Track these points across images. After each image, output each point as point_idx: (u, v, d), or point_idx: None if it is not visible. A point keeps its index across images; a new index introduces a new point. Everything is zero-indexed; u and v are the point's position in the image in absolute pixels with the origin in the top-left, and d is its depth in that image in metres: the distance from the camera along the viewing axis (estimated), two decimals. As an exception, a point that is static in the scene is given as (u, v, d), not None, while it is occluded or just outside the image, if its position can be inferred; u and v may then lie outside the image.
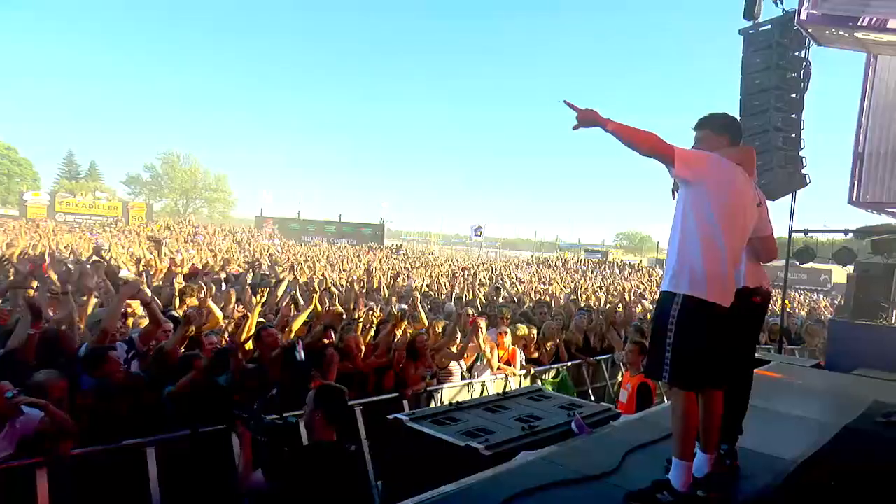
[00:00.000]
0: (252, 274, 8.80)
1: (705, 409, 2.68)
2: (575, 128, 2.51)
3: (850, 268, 9.61)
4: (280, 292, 6.86)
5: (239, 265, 11.55)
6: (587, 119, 2.47)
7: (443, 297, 10.50)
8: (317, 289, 6.80)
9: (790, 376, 5.51)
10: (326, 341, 5.02)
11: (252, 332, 4.92)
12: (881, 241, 8.75)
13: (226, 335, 5.13)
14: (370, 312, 6.16)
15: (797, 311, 13.92)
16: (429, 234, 70.82)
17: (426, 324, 6.65)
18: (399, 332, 5.60)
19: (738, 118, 3.02)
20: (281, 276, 9.42)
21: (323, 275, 12.33)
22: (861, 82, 10.17)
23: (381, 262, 22.24)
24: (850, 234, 9.02)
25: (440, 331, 6.25)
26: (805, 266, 11.47)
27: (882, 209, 10.41)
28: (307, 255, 21.49)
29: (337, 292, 7.98)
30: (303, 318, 5.65)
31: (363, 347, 5.27)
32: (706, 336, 2.50)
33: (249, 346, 4.79)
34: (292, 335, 5.20)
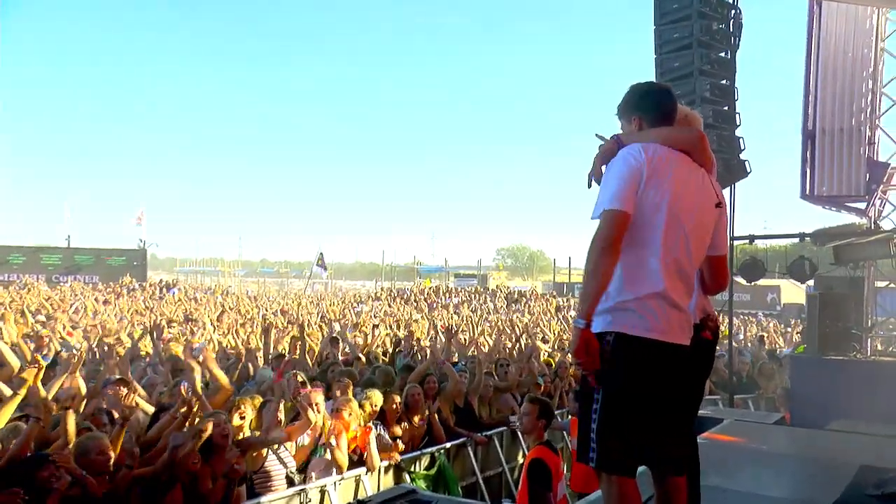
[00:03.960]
0: None
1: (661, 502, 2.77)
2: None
3: (811, 283, 10.84)
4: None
5: None
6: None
7: (256, 357, 10.06)
8: (40, 362, 6.05)
9: (750, 439, 6.01)
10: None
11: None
12: (845, 247, 9.89)
13: None
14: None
15: (744, 343, 15.43)
16: (221, 261, 68.25)
17: (229, 392, 6.42)
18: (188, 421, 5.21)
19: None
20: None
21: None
22: (805, 37, 11.63)
23: (136, 309, 20.80)
24: (806, 239, 10.17)
25: (249, 412, 5.98)
26: (746, 284, 12.72)
27: (842, 205, 11.82)
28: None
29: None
30: (9, 410, 5.01)
31: (111, 452, 4.78)
32: (647, 393, 2.63)
33: None
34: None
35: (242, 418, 5.87)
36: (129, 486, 4.83)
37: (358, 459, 6.32)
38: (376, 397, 6.86)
